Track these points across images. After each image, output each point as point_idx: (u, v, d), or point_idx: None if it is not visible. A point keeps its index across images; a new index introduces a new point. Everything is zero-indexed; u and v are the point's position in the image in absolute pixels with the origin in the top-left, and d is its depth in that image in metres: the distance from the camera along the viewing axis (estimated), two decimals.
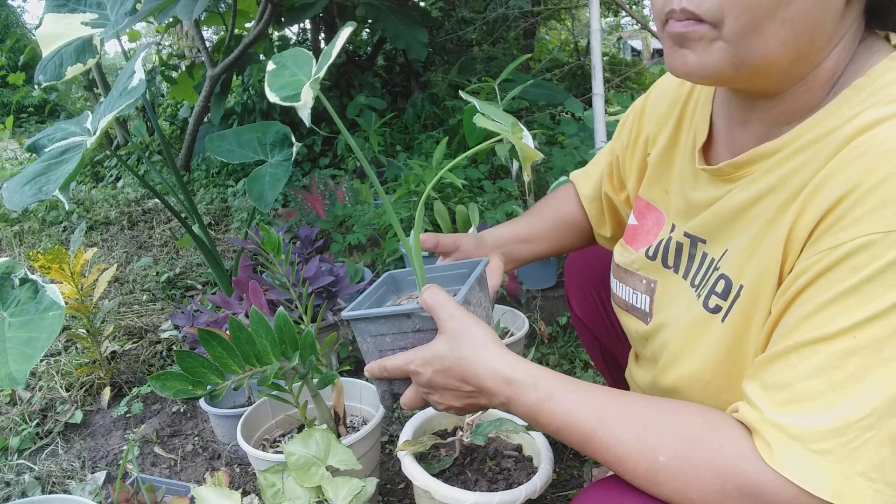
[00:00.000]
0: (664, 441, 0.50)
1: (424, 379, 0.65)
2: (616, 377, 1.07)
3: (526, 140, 0.56)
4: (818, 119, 0.53)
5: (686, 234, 0.66)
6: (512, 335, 1.58)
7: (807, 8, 0.49)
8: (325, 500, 0.97)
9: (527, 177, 0.57)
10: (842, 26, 0.52)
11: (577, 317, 1.09)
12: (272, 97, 0.66)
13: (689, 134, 0.70)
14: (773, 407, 0.47)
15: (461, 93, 0.72)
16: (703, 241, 0.64)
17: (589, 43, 2.35)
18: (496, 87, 2.09)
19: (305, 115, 0.64)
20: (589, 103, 2.64)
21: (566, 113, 3.30)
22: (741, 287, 0.57)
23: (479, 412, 0.70)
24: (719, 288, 0.60)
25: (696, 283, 0.64)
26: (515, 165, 2.30)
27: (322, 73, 0.67)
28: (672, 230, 0.70)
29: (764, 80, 0.54)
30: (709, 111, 0.68)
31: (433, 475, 0.97)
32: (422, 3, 4.45)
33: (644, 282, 0.73)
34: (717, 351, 0.59)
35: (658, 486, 0.50)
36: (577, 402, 0.55)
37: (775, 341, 0.50)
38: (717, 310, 0.60)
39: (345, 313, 0.72)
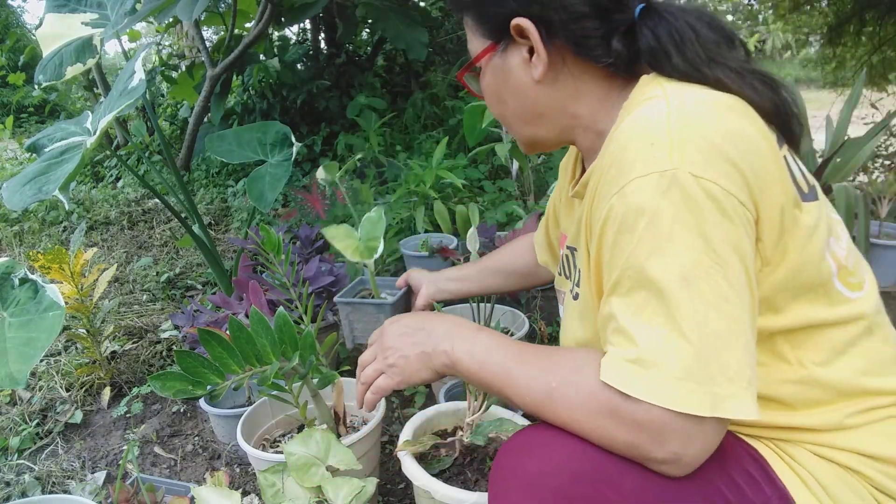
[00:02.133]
0: (556, 372, 0.62)
1: (384, 327, 0.82)
2: None
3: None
4: (607, 140, 0.66)
5: (568, 247, 0.82)
6: (512, 335, 1.58)
7: (515, 105, 0.75)
8: (325, 500, 0.97)
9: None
10: (560, 94, 0.72)
11: None
12: None
13: (575, 172, 0.89)
14: (608, 345, 0.60)
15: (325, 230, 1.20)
16: (576, 250, 0.78)
17: None
18: None
19: None
20: None
21: None
22: (580, 272, 0.73)
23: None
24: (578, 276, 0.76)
25: (573, 283, 0.79)
26: (516, 165, 2.30)
27: None
28: (564, 247, 0.86)
29: (548, 142, 0.78)
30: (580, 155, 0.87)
31: (433, 475, 0.97)
32: (422, 3, 4.45)
33: (561, 295, 0.87)
34: (577, 328, 0.75)
35: (555, 411, 0.61)
36: (503, 342, 0.69)
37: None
38: (576, 296, 0.76)
39: (336, 298, 1.14)
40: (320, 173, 1.41)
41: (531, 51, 0.69)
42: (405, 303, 1.32)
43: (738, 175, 0.56)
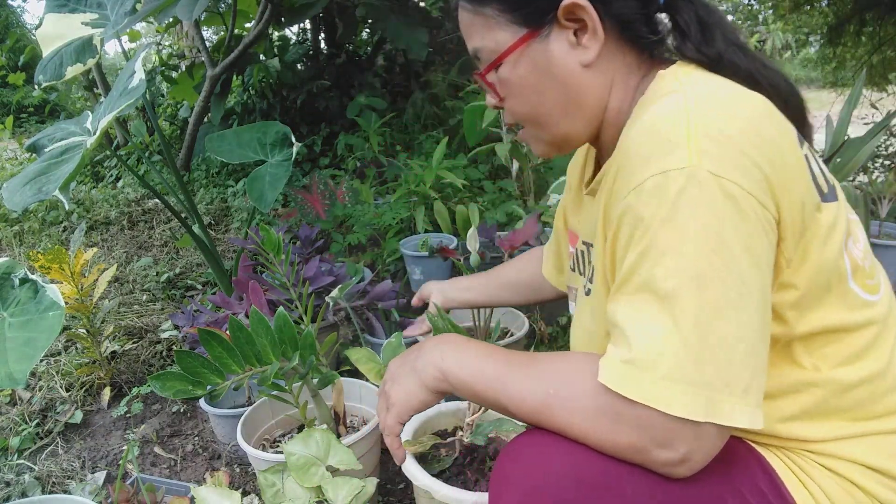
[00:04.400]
0: (552, 378, 0.61)
1: (388, 367, 0.79)
2: None
3: None
4: (622, 136, 0.64)
5: (584, 243, 0.82)
6: (512, 335, 1.58)
7: (556, 97, 0.69)
8: (325, 500, 0.97)
9: None
10: (601, 81, 0.69)
11: None
12: None
13: (588, 171, 0.87)
14: (611, 345, 0.58)
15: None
16: (592, 245, 0.76)
17: None
18: None
19: None
20: None
21: None
22: (594, 269, 0.72)
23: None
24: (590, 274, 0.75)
25: (587, 279, 0.78)
26: (516, 165, 2.30)
27: None
28: (578, 244, 0.85)
29: (579, 138, 0.74)
30: (594, 152, 0.85)
31: (433, 475, 0.97)
32: (422, 4, 4.45)
33: (573, 291, 0.87)
34: (588, 323, 0.75)
35: (553, 417, 0.59)
36: (493, 350, 0.68)
37: None
38: (588, 292, 0.75)
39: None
40: (334, 293, 1.43)
41: (575, 34, 0.66)
42: None
43: (758, 173, 0.54)
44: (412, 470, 0.97)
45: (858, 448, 0.61)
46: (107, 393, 1.69)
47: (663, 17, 0.66)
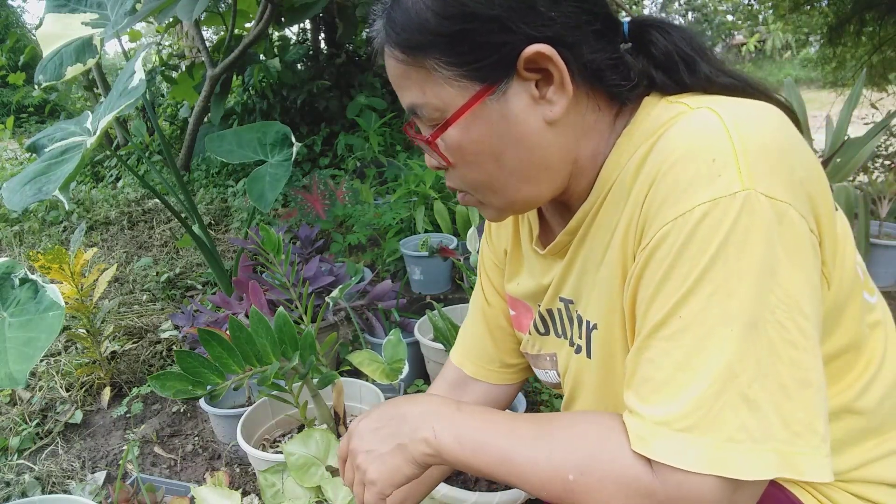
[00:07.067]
0: (570, 458, 0.53)
1: (353, 427, 0.67)
2: None
3: None
4: (606, 170, 0.60)
5: (560, 300, 0.71)
6: None
7: (517, 161, 0.59)
8: (325, 500, 0.97)
9: None
10: (569, 135, 0.59)
11: None
12: None
13: (525, 230, 0.77)
14: (641, 403, 0.51)
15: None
16: (573, 302, 0.69)
17: None
18: None
19: None
20: None
21: None
22: (590, 323, 0.64)
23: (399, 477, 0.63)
24: (581, 328, 0.67)
25: (575, 339, 0.70)
26: None
27: None
28: (539, 307, 0.75)
29: (541, 200, 0.63)
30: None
31: None
32: None
33: (548, 359, 0.77)
34: (594, 385, 0.66)
35: (578, 502, 0.53)
36: (492, 418, 0.59)
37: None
38: (578, 349, 0.68)
39: None
40: (334, 293, 1.39)
41: (537, 85, 0.56)
42: None
43: (803, 193, 0.49)
44: None
45: (886, 468, 0.59)
46: (107, 393, 1.69)
47: (628, 48, 0.59)
